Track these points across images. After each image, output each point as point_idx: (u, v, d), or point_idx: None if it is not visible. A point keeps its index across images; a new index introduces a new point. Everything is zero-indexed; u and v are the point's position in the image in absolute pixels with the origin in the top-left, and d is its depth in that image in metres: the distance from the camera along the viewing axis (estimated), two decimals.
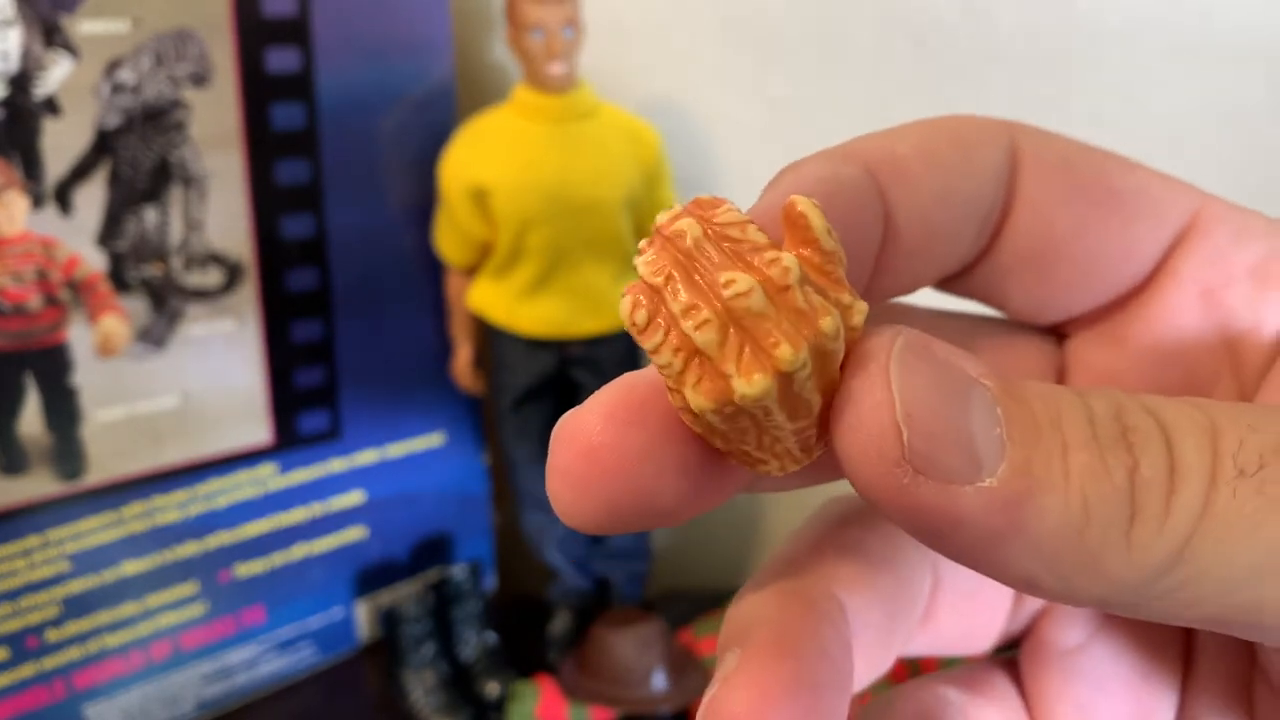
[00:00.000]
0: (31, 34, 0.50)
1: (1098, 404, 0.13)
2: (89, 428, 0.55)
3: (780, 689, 0.13)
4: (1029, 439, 0.12)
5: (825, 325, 0.12)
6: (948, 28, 0.64)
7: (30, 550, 0.55)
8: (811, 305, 0.12)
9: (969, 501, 0.12)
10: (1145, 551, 0.12)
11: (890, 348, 0.12)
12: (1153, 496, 0.12)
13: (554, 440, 0.13)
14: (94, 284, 0.54)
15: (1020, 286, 0.16)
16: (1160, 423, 0.13)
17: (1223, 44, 0.61)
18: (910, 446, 0.12)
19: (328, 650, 0.68)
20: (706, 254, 0.12)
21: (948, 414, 0.12)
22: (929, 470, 0.12)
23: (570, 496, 0.13)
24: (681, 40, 0.69)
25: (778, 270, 0.12)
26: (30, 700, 0.56)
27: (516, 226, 0.59)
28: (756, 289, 0.12)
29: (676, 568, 0.80)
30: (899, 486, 0.12)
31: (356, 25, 0.59)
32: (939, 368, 0.12)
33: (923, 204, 0.15)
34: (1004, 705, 0.17)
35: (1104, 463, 0.12)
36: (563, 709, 0.61)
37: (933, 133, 0.16)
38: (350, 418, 0.64)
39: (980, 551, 0.12)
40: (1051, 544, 0.12)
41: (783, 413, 0.12)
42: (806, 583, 0.15)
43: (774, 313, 0.12)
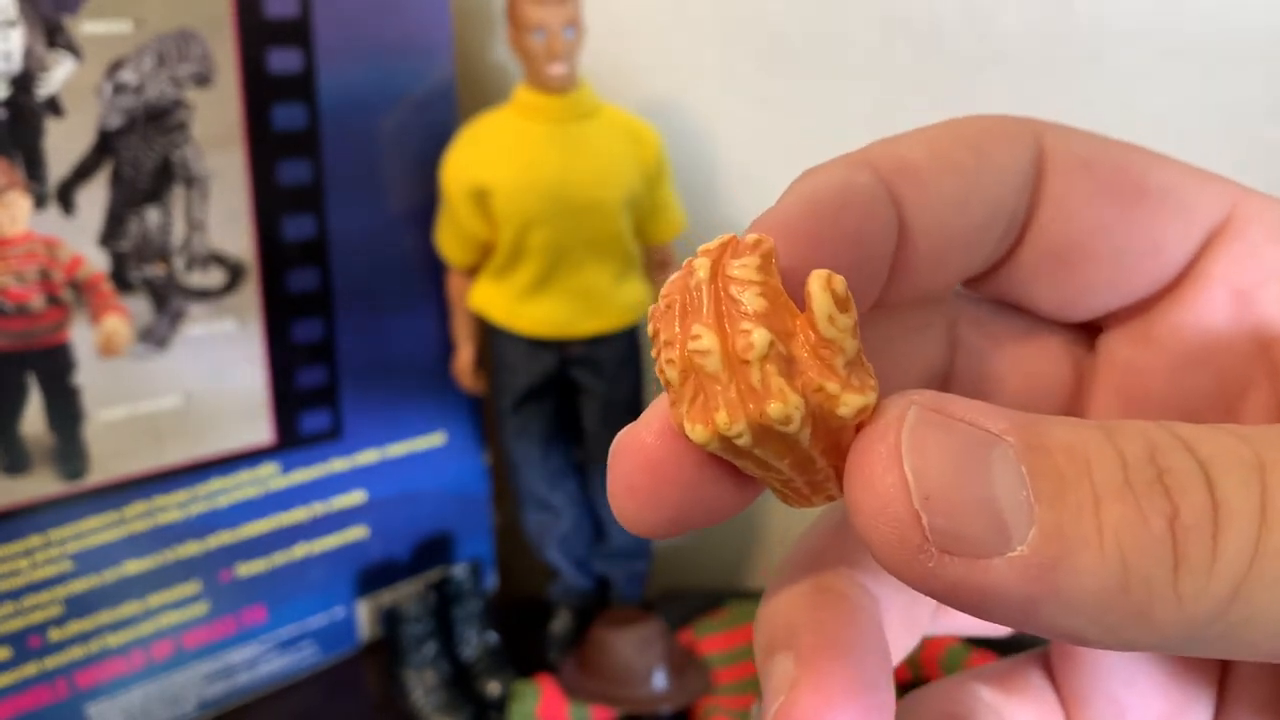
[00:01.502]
0: (34, 34, 0.50)
1: (1129, 446, 0.12)
2: (91, 427, 0.55)
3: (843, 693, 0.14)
4: (1057, 496, 0.12)
5: (772, 410, 0.12)
6: (948, 28, 0.64)
7: (32, 550, 0.55)
8: (766, 386, 0.12)
9: (1000, 574, 0.12)
10: (1195, 601, 0.12)
11: (902, 422, 0.12)
12: (1197, 543, 0.12)
13: (613, 455, 0.14)
14: (96, 284, 0.54)
15: (1047, 286, 0.16)
16: (1199, 461, 0.12)
17: (1222, 45, 0.61)
18: (932, 528, 0.12)
19: (329, 650, 0.68)
20: (699, 300, 0.13)
21: (968, 486, 0.12)
22: (955, 548, 0.12)
23: (634, 507, 0.14)
24: (682, 41, 0.69)
25: (743, 343, 0.12)
26: (32, 699, 0.56)
27: (517, 226, 0.59)
28: (714, 353, 0.12)
29: (676, 568, 0.80)
30: (925, 570, 0.12)
31: (358, 26, 0.59)
32: (955, 435, 0.12)
33: (938, 209, 0.15)
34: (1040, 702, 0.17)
35: (1140, 512, 0.12)
36: (563, 708, 0.61)
37: (951, 136, 0.16)
38: (351, 418, 0.65)
39: (1019, 617, 0.12)
40: (1094, 603, 0.12)
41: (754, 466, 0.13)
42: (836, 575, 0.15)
43: (725, 379, 0.12)
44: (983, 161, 0.15)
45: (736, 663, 0.64)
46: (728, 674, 0.64)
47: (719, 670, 0.64)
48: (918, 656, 0.63)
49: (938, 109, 0.71)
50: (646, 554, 0.69)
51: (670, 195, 0.63)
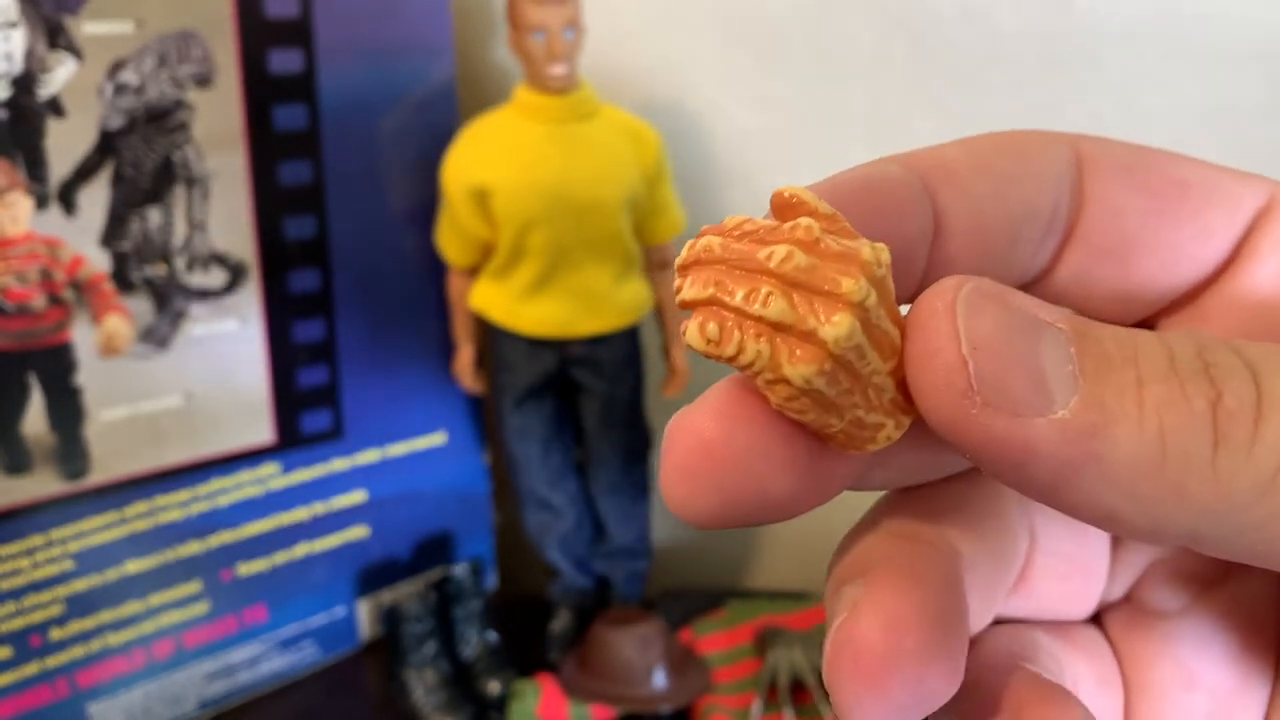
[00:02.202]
0: (35, 35, 0.50)
1: (1178, 343, 0.13)
2: (92, 427, 0.56)
3: (911, 616, 0.13)
4: (1102, 373, 0.12)
5: (866, 254, 0.13)
6: (947, 29, 0.64)
7: (34, 549, 0.55)
8: (845, 246, 0.13)
9: (1041, 432, 0.12)
10: (1233, 478, 0.12)
11: (958, 289, 0.13)
12: (1238, 424, 0.12)
13: (667, 439, 0.14)
14: (97, 284, 0.54)
15: (1100, 285, 0.16)
16: (1246, 359, 0.12)
17: (1220, 45, 0.61)
18: (977, 376, 0.12)
19: (329, 649, 0.68)
20: (738, 250, 0.13)
21: (1016, 348, 0.12)
22: (998, 401, 0.12)
23: (685, 492, 0.13)
24: (682, 42, 0.69)
25: (801, 231, 0.13)
26: (34, 699, 0.57)
27: (518, 227, 0.59)
28: (795, 249, 0.13)
29: (676, 567, 0.80)
30: (968, 417, 0.12)
31: (358, 27, 0.59)
32: (1008, 308, 0.13)
33: (973, 205, 0.15)
34: (1096, 659, 0.17)
35: (1183, 393, 0.12)
36: (563, 707, 0.61)
37: (985, 143, 0.16)
38: (352, 417, 0.65)
39: (1057, 483, 0.12)
40: (1129, 474, 0.12)
41: (874, 351, 0.13)
42: (919, 527, 0.15)
43: (819, 262, 0.13)
44: (1019, 163, 0.16)
45: (736, 662, 0.64)
46: (727, 673, 0.64)
47: (718, 669, 0.64)
48: None
49: (937, 109, 0.71)
50: (646, 553, 0.69)
51: (670, 195, 0.63)
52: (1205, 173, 0.16)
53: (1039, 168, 0.16)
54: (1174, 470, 0.12)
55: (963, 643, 0.14)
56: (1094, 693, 0.16)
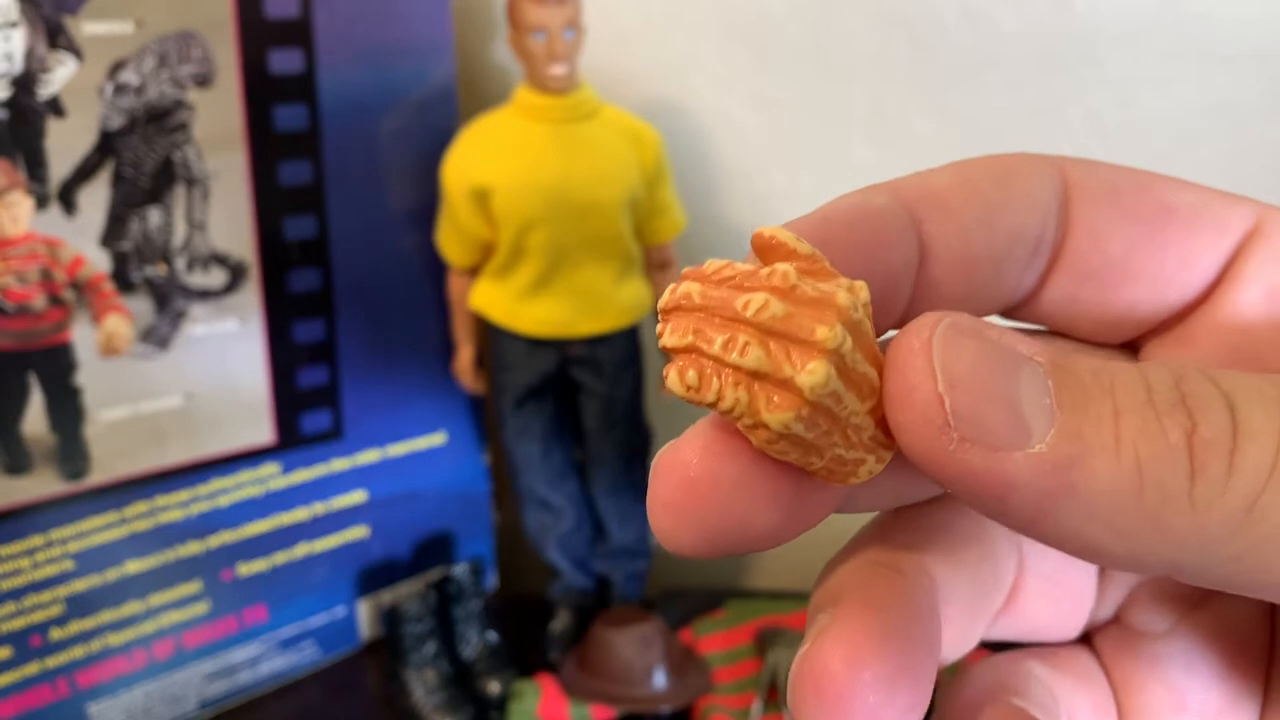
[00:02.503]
0: (35, 35, 0.50)
1: (1155, 374, 0.13)
2: (92, 427, 0.56)
3: (872, 643, 0.14)
4: (1079, 405, 0.12)
5: (841, 299, 0.13)
6: (947, 30, 0.65)
7: (34, 549, 0.55)
8: (821, 291, 0.13)
9: (1018, 466, 0.12)
10: (1209, 510, 0.12)
11: (935, 325, 0.13)
12: (1214, 455, 0.12)
13: (653, 474, 0.14)
14: (98, 284, 0.54)
15: (1086, 309, 0.17)
16: (1223, 390, 0.13)
17: (1219, 45, 0.61)
18: (953, 412, 0.12)
19: (330, 649, 0.68)
20: (716, 298, 0.13)
21: (992, 382, 0.13)
22: (975, 436, 0.12)
23: (671, 525, 0.14)
24: (682, 42, 0.69)
25: (778, 278, 0.13)
26: (34, 699, 0.57)
27: (518, 227, 0.59)
28: (771, 298, 0.13)
29: (676, 567, 0.80)
30: (946, 453, 0.12)
31: (358, 27, 0.59)
32: (984, 343, 0.13)
33: (960, 232, 0.16)
34: (1090, 684, 0.17)
35: (1159, 424, 0.12)
36: (563, 708, 0.61)
37: (972, 168, 0.16)
38: (352, 417, 0.65)
39: (1036, 516, 0.13)
40: (1107, 506, 0.12)
41: (851, 393, 0.13)
42: (896, 555, 0.16)
43: (795, 310, 0.13)
44: (1006, 189, 0.16)
45: (736, 662, 0.64)
46: (727, 673, 0.64)
47: (718, 669, 0.64)
48: None
49: (937, 109, 0.71)
50: (646, 554, 0.70)
51: (670, 195, 0.63)
52: (1192, 197, 0.16)
53: (1026, 193, 0.16)
54: (1151, 502, 0.12)
55: (928, 670, 0.14)
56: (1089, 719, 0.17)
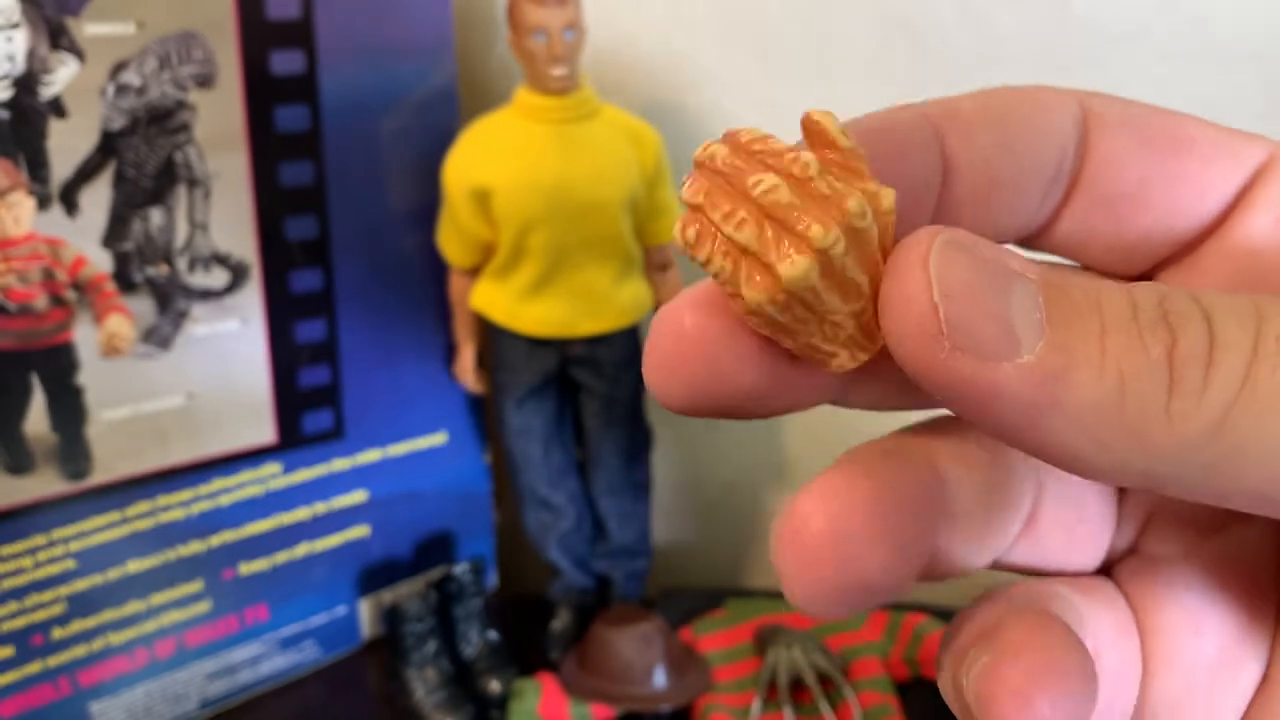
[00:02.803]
0: (37, 36, 0.50)
1: (1141, 293, 0.13)
2: (94, 427, 0.56)
3: (855, 500, 0.14)
4: (1067, 320, 0.13)
5: (851, 205, 0.13)
6: (946, 31, 0.65)
7: (36, 549, 0.55)
8: (835, 191, 0.13)
9: (1006, 375, 0.13)
10: (1185, 421, 0.13)
11: (932, 238, 0.13)
12: (1191, 369, 0.13)
13: (651, 330, 0.15)
14: (99, 284, 0.55)
15: (1100, 238, 0.17)
16: (1203, 307, 0.13)
17: (1216, 47, 0.61)
18: (947, 321, 0.13)
19: (331, 648, 0.68)
20: (737, 167, 0.14)
21: (985, 295, 0.13)
22: (966, 345, 0.13)
23: (659, 377, 0.15)
24: (682, 42, 0.69)
25: (799, 166, 0.13)
26: (36, 698, 0.57)
27: (518, 227, 0.59)
28: (781, 184, 0.13)
29: (677, 566, 0.80)
30: (938, 360, 0.13)
31: (359, 27, 0.59)
32: (979, 257, 0.13)
33: (983, 152, 0.16)
34: (1113, 608, 0.17)
35: (1141, 340, 0.13)
36: (564, 706, 0.62)
37: (997, 95, 0.17)
38: (353, 417, 0.65)
39: (1022, 425, 0.13)
40: (1090, 417, 0.13)
41: (833, 294, 0.14)
42: (909, 444, 0.16)
43: (801, 202, 0.13)
44: (1028, 116, 0.16)
45: (736, 661, 0.65)
46: (727, 672, 0.64)
47: (718, 668, 0.64)
48: (915, 655, 0.63)
49: None
50: (647, 552, 0.70)
51: (670, 196, 0.63)
52: (1210, 132, 0.17)
53: (1047, 121, 0.16)
54: (1132, 414, 0.13)
55: (914, 544, 0.15)
56: (1113, 640, 0.17)
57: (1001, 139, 0.16)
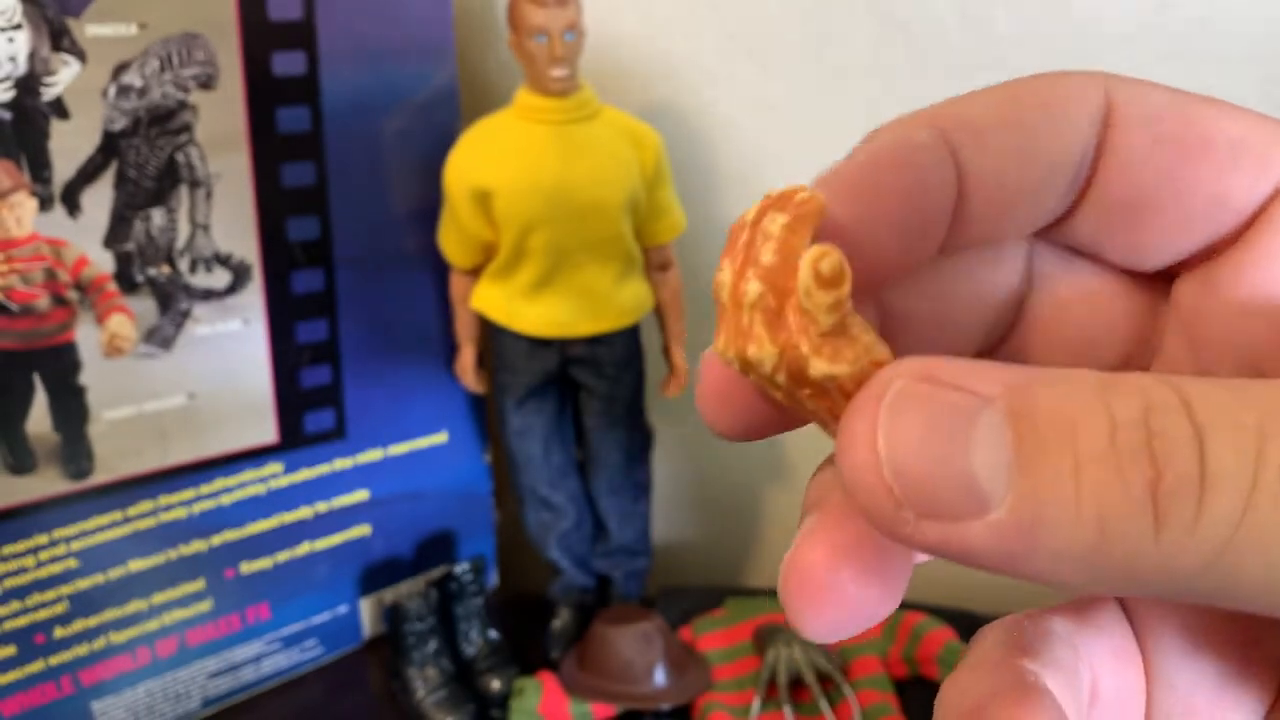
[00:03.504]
0: (39, 37, 0.50)
1: (1122, 407, 0.12)
2: (96, 427, 0.56)
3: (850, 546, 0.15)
4: (1036, 462, 0.12)
5: (750, 351, 0.14)
6: (945, 32, 0.65)
7: (38, 548, 0.55)
8: (750, 330, 0.14)
9: (977, 535, 0.12)
10: (1178, 556, 0.12)
11: (882, 397, 0.13)
12: (1180, 504, 0.12)
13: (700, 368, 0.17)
14: (101, 284, 0.55)
15: (1113, 236, 0.17)
16: (1195, 425, 0.12)
17: (1215, 48, 0.61)
18: (904, 497, 0.13)
19: (332, 646, 0.68)
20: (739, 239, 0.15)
21: (942, 458, 0.12)
22: (929, 512, 0.12)
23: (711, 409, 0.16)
24: (682, 44, 0.69)
25: (742, 289, 0.14)
26: (38, 697, 0.57)
27: (519, 228, 0.59)
28: (725, 289, 0.15)
29: (676, 565, 0.80)
30: (905, 531, 0.13)
31: (361, 29, 0.60)
32: (937, 405, 0.13)
33: (996, 161, 0.16)
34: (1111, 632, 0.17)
35: (1120, 475, 0.12)
36: (564, 705, 0.62)
37: (1017, 92, 0.16)
38: (355, 417, 0.65)
39: (1007, 569, 0.13)
40: (1074, 555, 0.12)
41: (801, 391, 0.14)
42: None
43: (729, 313, 0.14)
44: (1046, 116, 0.16)
45: (735, 659, 0.65)
46: (727, 671, 0.64)
47: (718, 667, 0.64)
48: (914, 654, 0.63)
49: None
50: (647, 552, 0.70)
51: (670, 196, 0.63)
52: (1238, 129, 0.16)
53: (1067, 120, 0.16)
54: (1117, 552, 0.12)
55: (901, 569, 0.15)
56: (1113, 668, 0.17)
57: (1018, 144, 0.16)
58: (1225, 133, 0.16)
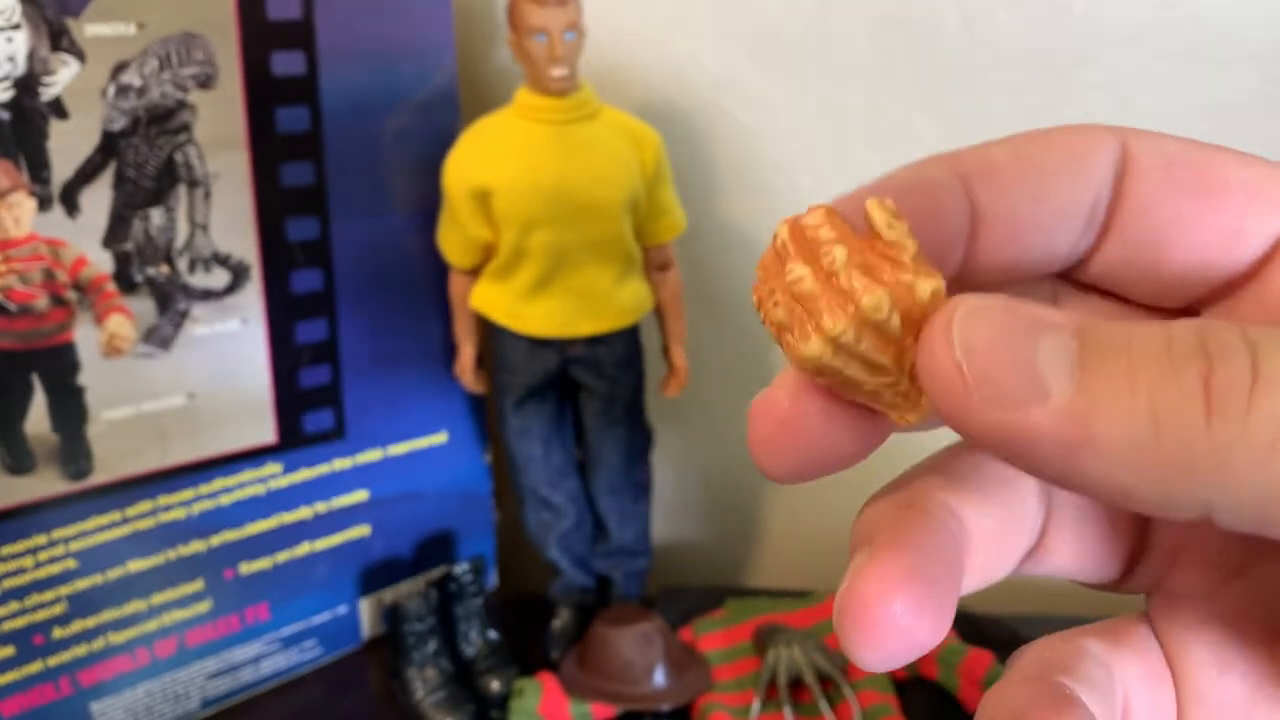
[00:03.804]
0: (38, 37, 0.50)
1: (1179, 329, 0.13)
2: (95, 427, 0.56)
3: (900, 578, 0.16)
4: (1097, 361, 0.13)
5: (865, 302, 0.15)
6: (945, 32, 0.65)
7: (37, 549, 0.55)
8: (853, 287, 0.15)
9: (1037, 419, 0.13)
10: (1230, 449, 0.13)
11: (955, 307, 0.14)
12: (1232, 396, 0.13)
13: (751, 416, 0.17)
14: (100, 284, 0.55)
15: (1136, 275, 0.18)
16: (1249, 340, 0.13)
17: (1215, 47, 0.61)
18: (971, 375, 0.14)
19: (332, 647, 0.68)
20: (788, 251, 0.16)
21: (1009, 347, 0.14)
22: (992, 395, 0.14)
23: (764, 455, 0.16)
24: (682, 44, 0.69)
25: (827, 261, 0.15)
26: (37, 697, 0.57)
27: (518, 228, 0.59)
28: (808, 276, 0.15)
29: (676, 566, 0.80)
30: (970, 411, 0.14)
31: (360, 29, 0.59)
32: (1004, 314, 0.14)
33: (1011, 203, 0.17)
34: (1146, 655, 0.18)
35: (1174, 371, 0.13)
36: (564, 705, 0.62)
37: (1033, 142, 0.17)
38: (354, 417, 0.65)
39: (1062, 466, 0.14)
40: (1127, 452, 0.13)
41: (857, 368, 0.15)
42: (922, 494, 0.17)
43: (821, 293, 0.15)
44: (1063, 161, 0.17)
45: (736, 660, 0.65)
46: (727, 671, 0.64)
47: (718, 667, 0.64)
48: None
49: (936, 110, 0.72)
50: (647, 552, 0.70)
51: (670, 196, 0.63)
52: (1250, 173, 0.17)
53: (1082, 165, 0.17)
54: (1170, 445, 0.13)
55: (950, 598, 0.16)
56: (1143, 687, 0.17)
57: (1033, 189, 0.17)
58: (1238, 175, 0.17)
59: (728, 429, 0.77)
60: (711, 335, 0.74)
